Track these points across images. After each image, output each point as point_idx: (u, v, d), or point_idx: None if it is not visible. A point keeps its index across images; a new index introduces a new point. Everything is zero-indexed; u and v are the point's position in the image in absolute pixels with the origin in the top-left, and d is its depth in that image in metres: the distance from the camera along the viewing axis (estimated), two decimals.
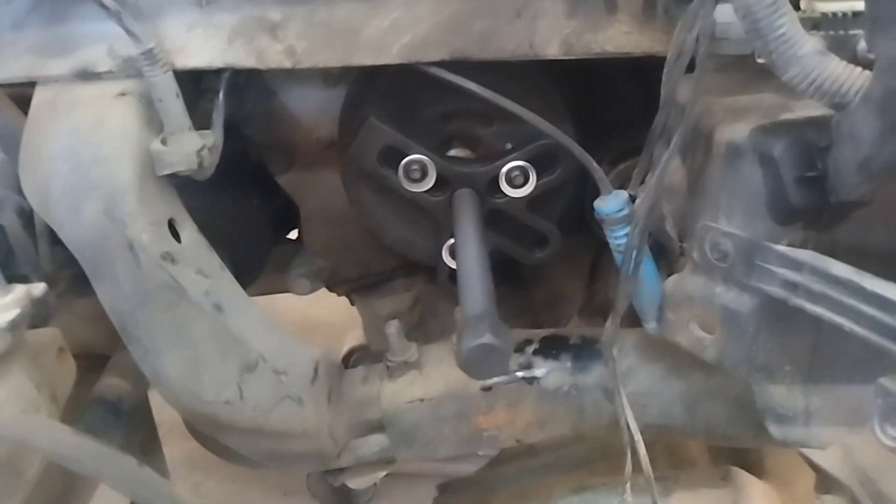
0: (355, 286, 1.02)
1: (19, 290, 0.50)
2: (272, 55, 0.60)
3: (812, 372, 0.63)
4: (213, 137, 0.61)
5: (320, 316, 1.75)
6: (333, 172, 0.89)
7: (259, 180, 0.94)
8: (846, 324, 0.53)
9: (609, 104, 0.88)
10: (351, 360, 1.41)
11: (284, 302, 1.20)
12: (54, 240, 0.89)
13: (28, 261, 0.83)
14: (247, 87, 0.82)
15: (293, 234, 1.11)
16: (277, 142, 0.88)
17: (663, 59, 0.61)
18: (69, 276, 0.88)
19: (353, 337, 1.52)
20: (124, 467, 0.44)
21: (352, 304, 1.12)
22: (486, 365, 0.56)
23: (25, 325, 0.49)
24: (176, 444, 0.99)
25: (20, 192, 0.88)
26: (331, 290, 1.05)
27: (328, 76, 0.82)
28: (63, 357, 0.58)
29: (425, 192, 0.76)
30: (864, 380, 0.61)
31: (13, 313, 0.48)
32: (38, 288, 0.51)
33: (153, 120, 0.60)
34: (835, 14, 0.57)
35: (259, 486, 1.56)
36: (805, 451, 0.64)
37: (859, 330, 0.52)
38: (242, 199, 0.95)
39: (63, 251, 0.88)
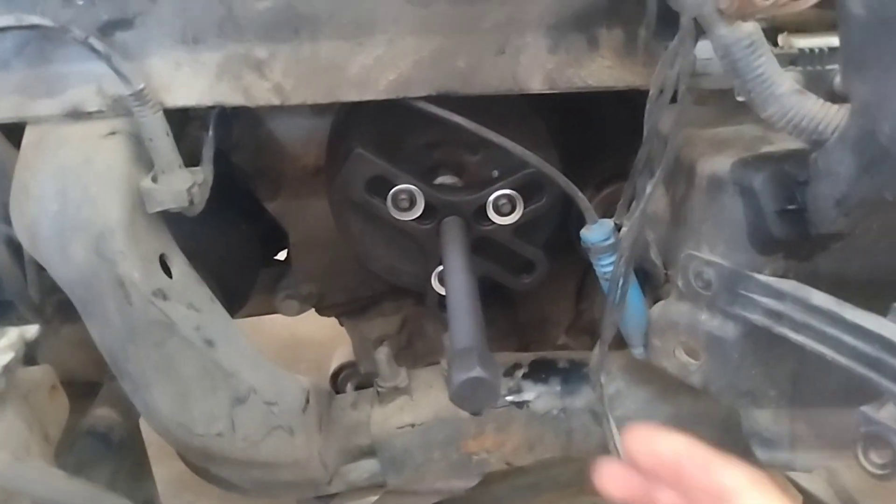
0: (344, 310, 1.03)
1: (13, 333, 0.50)
2: (260, 93, 0.61)
3: (796, 397, 0.64)
4: (202, 174, 0.62)
5: (308, 333, 1.75)
6: (321, 199, 0.89)
7: (246, 204, 0.94)
8: (828, 353, 0.54)
9: (592, 130, 0.89)
10: (340, 377, 1.42)
11: (272, 320, 1.20)
12: (41, 267, 0.89)
13: (15, 288, 0.83)
14: (234, 116, 0.83)
15: (281, 255, 1.12)
16: (264, 169, 0.88)
17: (646, 89, 0.62)
18: (55, 303, 0.88)
19: (341, 354, 1.52)
20: None
21: (341, 325, 1.13)
22: (477, 397, 0.56)
23: (19, 368, 0.49)
24: (165, 464, 0.99)
25: (7, 221, 0.88)
26: (319, 314, 1.05)
27: (314, 105, 0.83)
28: (55, 394, 0.58)
29: (413, 220, 0.77)
30: (847, 405, 0.62)
31: (7, 357, 0.48)
32: (31, 331, 0.52)
33: (142, 157, 0.60)
34: (811, 50, 0.58)
35: None
36: (791, 474, 0.65)
37: (841, 359, 0.53)
38: (229, 225, 0.95)
39: (50, 278, 0.88)
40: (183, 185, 0.59)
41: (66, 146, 0.58)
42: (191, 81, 0.60)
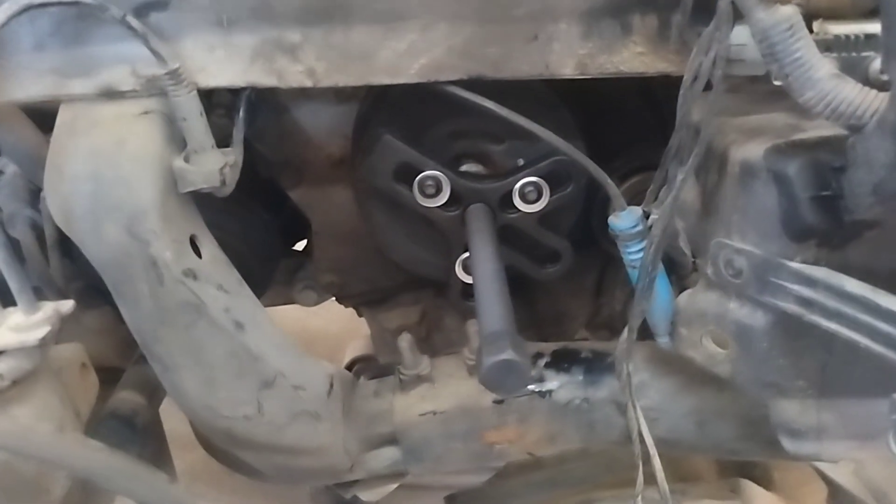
0: (364, 300, 1.03)
1: (48, 307, 0.50)
2: (293, 75, 0.61)
3: (824, 387, 0.64)
4: (234, 155, 0.62)
5: (321, 326, 1.75)
6: (344, 188, 0.90)
7: (267, 193, 0.94)
8: (861, 340, 0.54)
9: (617, 121, 0.89)
10: (353, 370, 1.42)
11: (284, 312, 1.20)
12: (64, 252, 0.90)
13: (40, 273, 0.84)
14: (259, 103, 0.83)
15: (299, 245, 1.12)
16: (288, 157, 0.88)
17: (671, 77, 0.62)
18: (77, 289, 0.89)
19: (354, 347, 1.52)
20: (156, 485, 0.44)
21: (359, 315, 1.13)
22: (507, 380, 0.56)
23: (53, 342, 0.50)
24: (177, 455, 0.99)
25: (33, 205, 0.89)
26: (340, 303, 1.06)
27: (340, 93, 0.83)
28: (85, 372, 0.58)
29: (439, 207, 0.77)
30: (876, 395, 0.62)
31: (43, 331, 0.48)
32: (66, 305, 0.52)
33: (175, 137, 0.60)
34: (847, 36, 0.58)
35: (261, 499, 1.56)
36: (818, 464, 0.65)
37: (874, 346, 0.53)
38: (251, 214, 0.95)
39: (71, 264, 0.89)
40: (215, 166, 0.59)
41: (100, 126, 0.58)
42: (224, 64, 0.60)
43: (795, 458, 0.66)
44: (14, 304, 0.52)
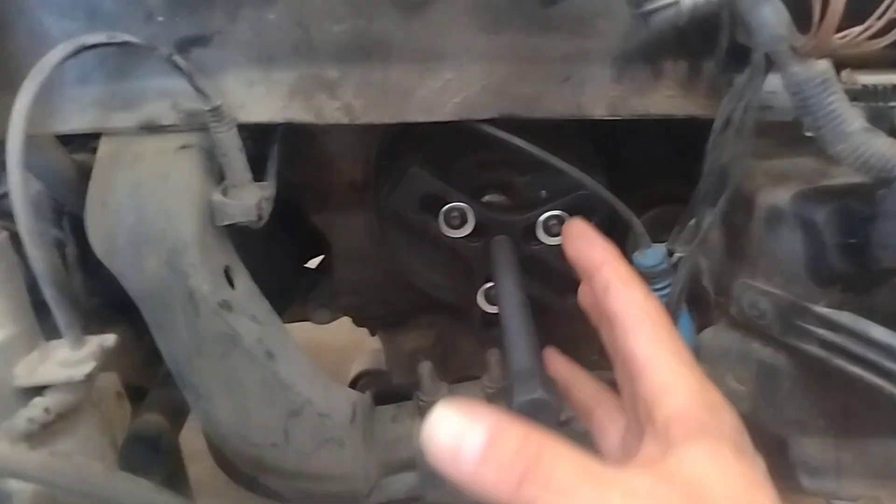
0: (381, 322, 1.04)
1: (93, 342, 0.51)
2: (330, 112, 0.62)
3: (845, 427, 0.65)
4: (269, 189, 0.63)
5: (326, 340, 1.76)
6: (365, 212, 0.91)
7: (286, 214, 0.95)
8: (886, 386, 0.55)
9: (635, 152, 0.90)
10: (359, 384, 1.42)
11: (290, 326, 1.21)
12: (84, 271, 0.90)
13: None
14: (288, 132, 0.84)
15: (312, 263, 1.13)
16: (313, 182, 0.89)
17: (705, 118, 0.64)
18: (96, 306, 0.89)
19: (361, 361, 1.53)
20: None
21: (372, 335, 1.14)
22: (538, 419, 0.57)
23: (97, 376, 0.51)
24: None
25: (57, 224, 0.89)
26: (357, 325, 1.07)
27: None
28: (120, 401, 0.59)
29: (463, 237, 0.78)
30: (894, 435, 0.64)
31: (89, 367, 0.49)
32: (109, 339, 0.53)
33: (212, 171, 0.61)
34: (875, 86, 0.59)
35: None
36: (836, 502, 0.66)
37: None
38: (272, 238, 0.96)
39: (89, 281, 0.90)
40: (252, 200, 0.60)
41: (142, 159, 0.59)
42: (264, 100, 0.61)
43: (813, 495, 0.67)
44: (53, 335, 0.53)
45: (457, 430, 0.36)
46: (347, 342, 1.64)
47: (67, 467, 0.41)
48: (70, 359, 0.49)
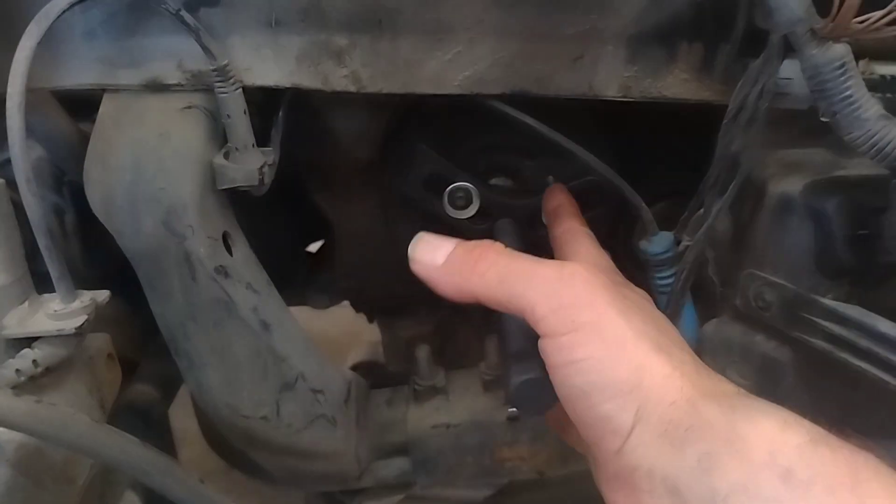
0: (380, 307, 1.03)
1: (86, 296, 0.50)
2: (337, 79, 0.61)
3: (846, 425, 0.64)
4: (273, 155, 0.62)
5: (324, 330, 1.75)
6: (368, 194, 0.90)
7: (290, 192, 0.94)
8: (891, 381, 0.54)
9: (646, 146, 0.89)
10: None
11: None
12: (85, 240, 0.90)
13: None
14: (292, 104, 0.83)
15: (313, 248, 1.12)
16: (316, 160, 0.88)
17: (703, 105, 0.63)
18: (95, 278, 0.88)
19: (356, 353, 1.52)
20: (188, 483, 0.44)
21: (370, 321, 1.13)
22: (535, 399, 0.56)
23: (89, 331, 0.50)
24: None
25: (57, 191, 0.89)
26: (355, 309, 1.05)
27: (373, 100, 0.83)
28: (111, 364, 0.58)
29: (467, 219, 0.77)
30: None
31: (80, 320, 0.48)
32: (103, 295, 0.52)
33: (216, 133, 0.60)
34: (893, 77, 0.58)
35: (256, 499, 1.55)
36: None
37: None
38: (276, 213, 0.95)
39: (90, 252, 0.89)
40: (255, 164, 0.59)
41: (145, 118, 0.58)
42: (270, 64, 0.60)
43: None
44: (50, 290, 0.52)
45: (429, 249, 0.57)
46: (345, 333, 1.64)
47: (54, 416, 0.40)
48: (61, 311, 0.49)
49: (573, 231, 0.64)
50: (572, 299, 0.47)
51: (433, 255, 0.57)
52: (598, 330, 0.46)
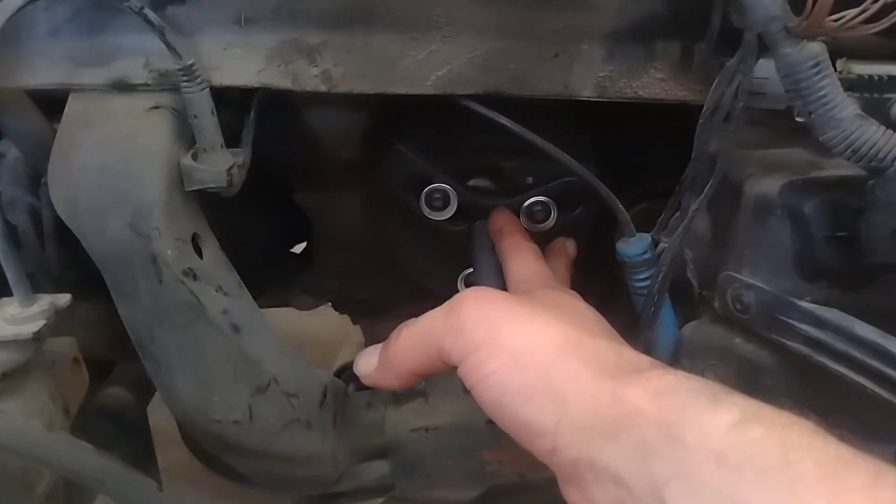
0: (362, 308, 1.02)
1: (44, 300, 0.49)
2: (308, 79, 0.60)
3: (826, 427, 0.63)
4: (242, 156, 0.61)
5: (313, 332, 1.74)
6: (350, 194, 0.89)
7: (271, 193, 0.93)
8: (868, 385, 0.53)
9: (628, 148, 0.88)
10: (342, 377, 1.40)
11: (278, 317, 1.19)
12: (61, 241, 0.88)
13: (36, 261, 0.83)
14: (271, 104, 0.82)
15: (297, 249, 1.11)
16: (297, 160, 0.87)
17: (685, 107, 0.62)
18: (73, 279, 0.87)
19: (345, 354, 1.51)
20: (145, 491, 0.43)
21: (354, 323, 1.12)
22: None
23: (48, 336, 0.48)
24: (158, 452, 0.97)
25: (32, 192, 0.87)
26: (336, 310, 1.04)
27: (353, 100, 0.82)
28: (77, 368, 0.57)
29: (445, 220, 0.76)
30: (880, 441, 0.61)
31: (38, 324, 0.47)
32: (63, 298, 0.51)
33: (183, 134, 0.59)
34: (870, 77, 0.57)
35: (243, 502, 1.54)
36: None
37: (881, 392, 0.52)
38: (254, 214, 0.94)
39: (68, 253, 0.88)
40: (223, 165, 0.58)
41: (111, 119, 0.57)
42: (240, 63, 0.59)
43: None
44: (8, 293, 0.51)
45: (366, 359, 0.60)
46: (335, 335, 1.63)
47: (4, 424, 0.39)
48: (18, 316, 0.48)
49: (517, 245, 0.68)
50: (465, 322, 0.49)
51: (370, 362, 0.60)
52: (496, 342, 0.47)
